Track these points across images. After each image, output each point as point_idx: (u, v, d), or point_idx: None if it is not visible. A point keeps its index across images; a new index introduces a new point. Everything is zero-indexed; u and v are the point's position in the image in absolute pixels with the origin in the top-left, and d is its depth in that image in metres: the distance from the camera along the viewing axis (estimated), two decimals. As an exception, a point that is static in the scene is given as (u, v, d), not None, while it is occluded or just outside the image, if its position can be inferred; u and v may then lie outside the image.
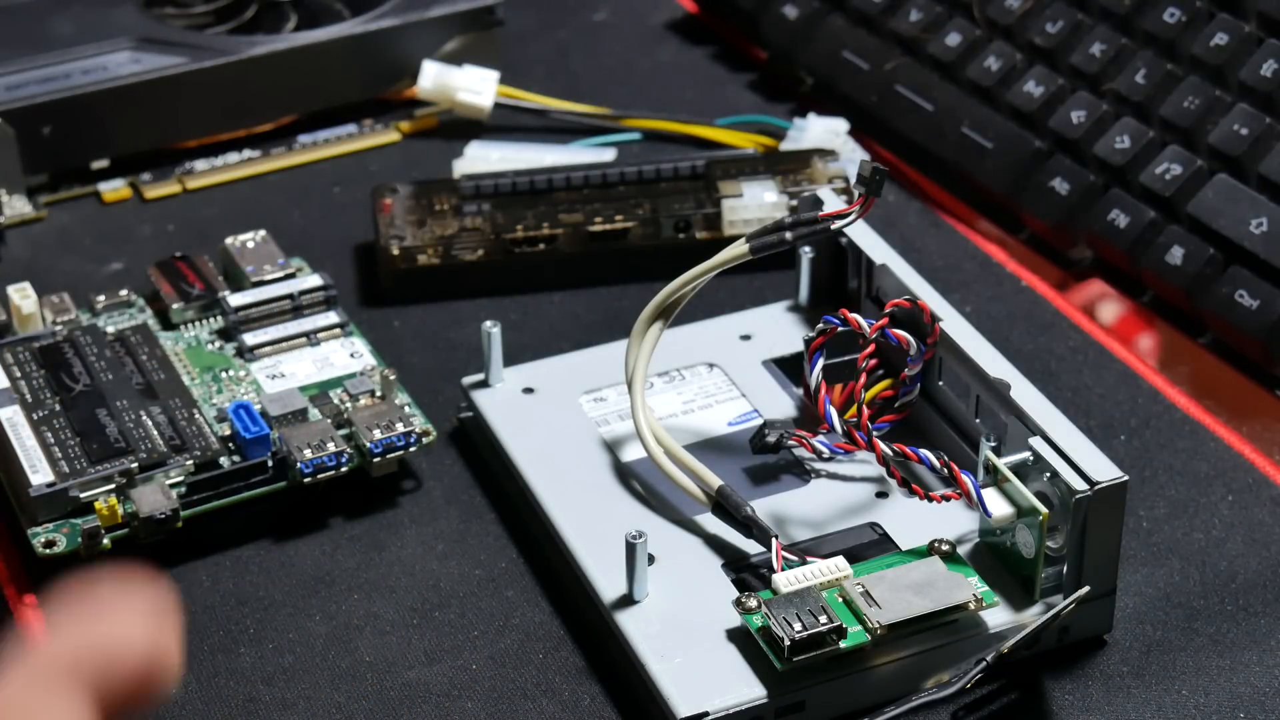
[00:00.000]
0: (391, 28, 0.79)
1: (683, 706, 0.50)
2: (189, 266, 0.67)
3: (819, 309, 0.64)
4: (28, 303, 0.64)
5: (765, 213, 0.70)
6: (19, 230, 0.74)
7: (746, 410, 0.62)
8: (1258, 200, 0.65)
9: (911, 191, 0.76)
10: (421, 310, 0.70)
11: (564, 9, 0.90)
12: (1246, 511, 0.59)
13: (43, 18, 0.79)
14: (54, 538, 0.56)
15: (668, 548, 0.56)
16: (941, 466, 0.54)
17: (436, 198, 0.71)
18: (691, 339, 0.64)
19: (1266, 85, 0.66)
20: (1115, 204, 0.68)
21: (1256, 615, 0.56)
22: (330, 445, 0.59)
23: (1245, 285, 0.64)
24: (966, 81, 0.75)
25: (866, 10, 0.80)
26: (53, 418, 0.60)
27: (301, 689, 0.54)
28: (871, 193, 0.55)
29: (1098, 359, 0.66)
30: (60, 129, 0.75)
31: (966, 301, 0.69)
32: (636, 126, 0.79)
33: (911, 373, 0.59)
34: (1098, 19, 0.72)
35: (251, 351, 0.63)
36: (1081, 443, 0.53)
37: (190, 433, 0.59)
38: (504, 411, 0.61)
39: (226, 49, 0.77)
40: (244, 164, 0.78)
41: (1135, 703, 0.53)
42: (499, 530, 0.60)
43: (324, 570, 0.58)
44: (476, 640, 0.56)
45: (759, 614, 0.51)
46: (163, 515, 0.56)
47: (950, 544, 0.54)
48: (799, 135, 0.77)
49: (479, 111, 0.79)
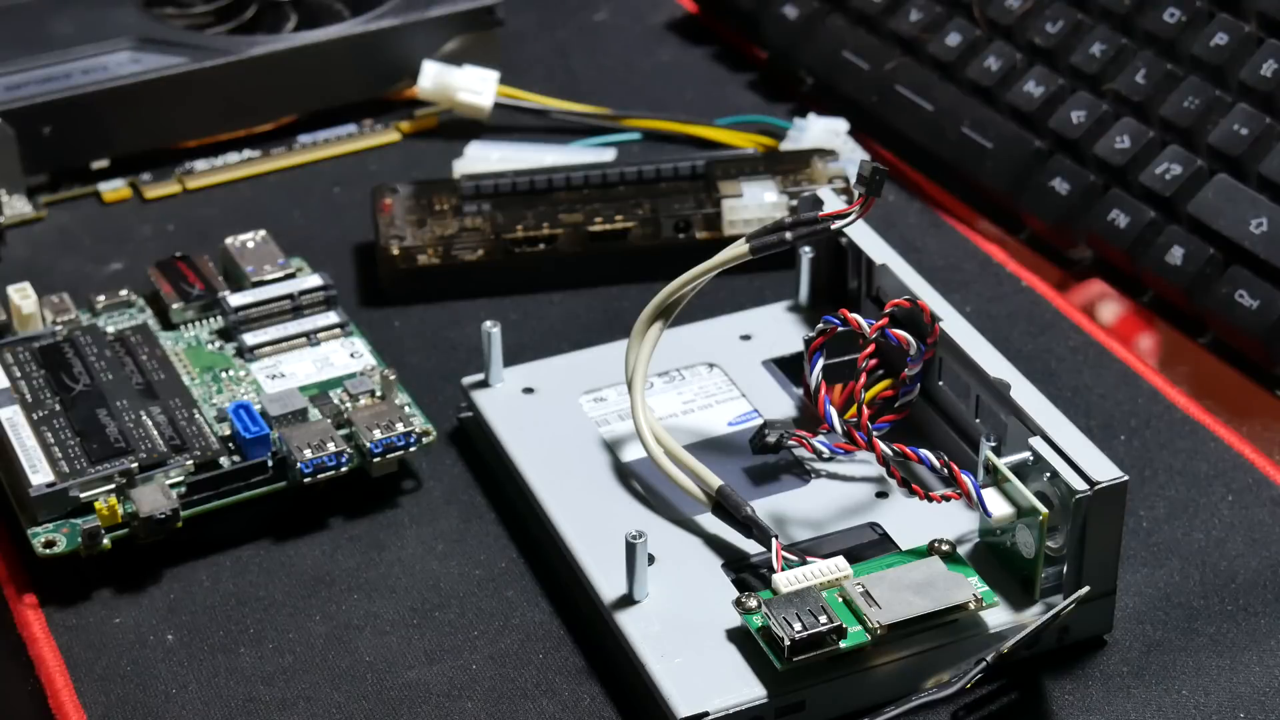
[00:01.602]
0: (391, 28, 0.79)
1: (683, 706, 0.50)
2: (189, 266, 0.67)
3: (819, 309, 0.64)
4: (28, 303, 0.64)
5: (765, 213, 0.70)
6: (19, 230, 0.74)
7: (746, 410, 0.62)
8: (1258, 200, 0.65)
9: (911, 191, 0.76)
10: (421, 310, 0.70)
11: (564, 9, 0.90)
12: (1246, 511, 0.59)
13: (43, 18, 0.79)
14: (54, 538, 0.56)
15: (668, 548, 0.56)
16: (941, 466, 0.54)
17: (436, 198, 0.71)
18: (691, 339, 0.64)
19: (1266, 85, 0.66)
20: (1115, 204, 0.68)
21: (1256, 615, 0.56)
22: (330, 445, 0.59)
23: (1245, 285, 0.64)
24: (966, 81, 0.75)
25: (866, 10, 0.80)
26: (53, 418, 0.60)
27: (301, 689, 0.54)
28: (871, 193, 0.55)
29: (1098, 359, 0.66)
30: (60, 129, 0.75)
31: (966, 301, 0.69)
32: (636, 126, 0.79)
33: (911, 373, 0.59)
34: (1098, 19, 0.72)
35: (251, 351, 0.63)
36: (1081, 443, 0.53)
37: (190, 433, 0.59)
38: (504, 411, 0.61)
39: (226, 49, 0.77)
40: (244, 164, 0.78)
41: (1135, 703, 0.53)
42: (499, 530, 0.60)
43: (324, 570, 0.58)
44: (476, 640, 0.56)
45: (759, 614, 0.51)
46: (163, 515, 0.56)
47: (950, 544, 0.54)
48: (799, 135, 0.77)
49: (479, 111, 0.79)
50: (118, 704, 0.54)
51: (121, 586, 0.57)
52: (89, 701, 0.54)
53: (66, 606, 0.57)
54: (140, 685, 0.54)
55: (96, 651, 0.55)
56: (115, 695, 0.54)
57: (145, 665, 0.55)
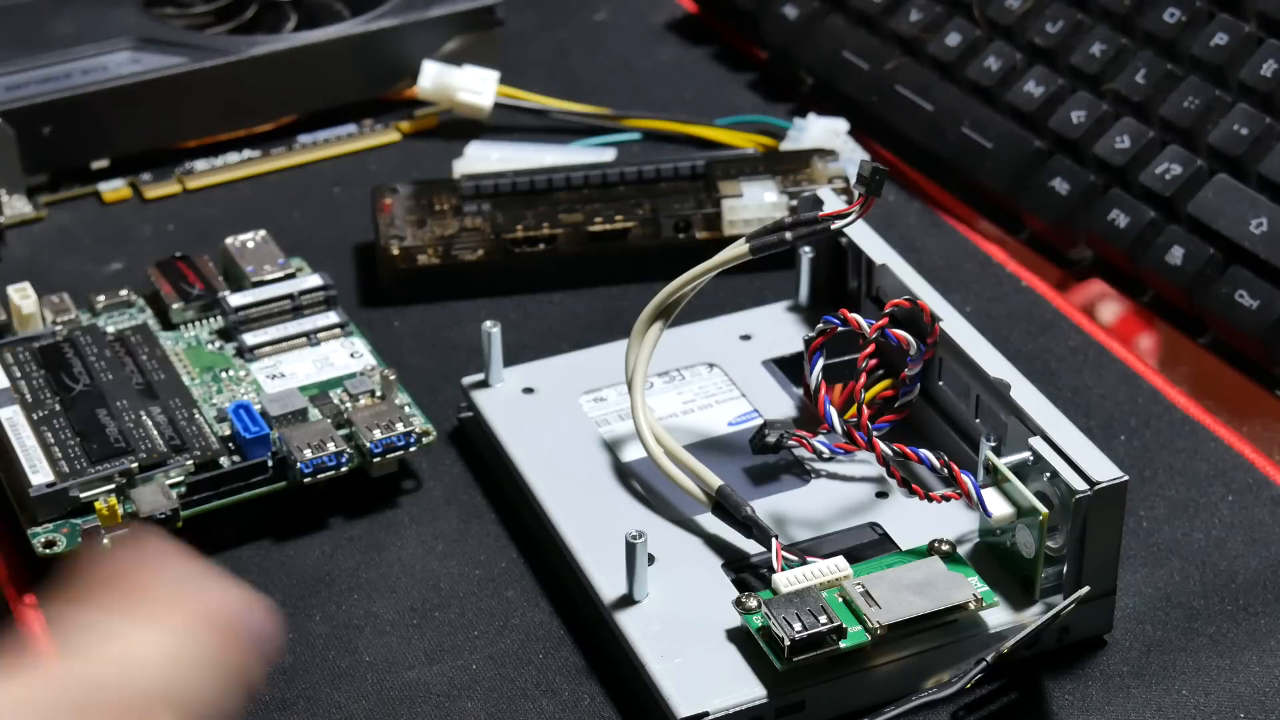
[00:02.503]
0: (391, 28, 0.79)
1: (683, 706, 0.50)
2: (189, 266, 0.67)
3: (819, 309, 0.64)
4: (28, 303, 0.64)
5: (765, 213, 0.70)
6: (19, 230, 0.74)
7: (746, 410, 0.62)
8: (1258, 200, 0.65)
9: (911, 191, 0.76)
10: (421, 310, 0.70)
11: (564, 9, 0.90)
12: (1246, 511, 0.59)
13: (43, 18, 0.79)
14: (54, 538, 0.56)
15: (668, 548, 0.56)
16: (941, 466, 0.54)
17: (436, 198, 0.71)
18: (691, 339, 0.64)
19: (1266, 85, 0.66)
20: (1115, 204, 0.68)
21: (1256, 615, 0.56)
22: (330, 445, 0.59)
23: (1245, 285, 0.64)
24: (966, 81, 0.75)
25: (866, 10, 0.80)
26: (53, 418, 0.60)
27: (301, 689, 0.54)
28: (871, 193, 0.55)
29: (1098, 359, 0.66)
30: (60, 129, 0.75)
31: (966, 301, 0.69)
32: (636, 126, 0.79)
33: (911, 373, 0.59)
34: (1098, 19, 0.72)
35: (251, 351, 0.63)
36: (1081, 443, 0.53)
37: (190, 433, 0.59)
38: (504, 411, 0.61)
39: (226, 49, 0.77)
40: (244, 164, 0.78)
41: (1135, 703, 0.53)
42: (499, 530, 0.60)
43: (324, 570, 0.58)
44: (476, 640, 0.56)
45: (759, 614, 0.51)
46: (163, 515, 0.56)
47: (950, 544, 0.54)
48: (799, 135, 0.77)
49: (479, 111, 0.79)
50: (118, 704, 0.54)
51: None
52: (89, 701, 0.54)
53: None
54: (140, 685, 0.54)
55: (96, 651, 0.55)
56: (115, 695, 0.54)
57: (145, 665, 0.55)
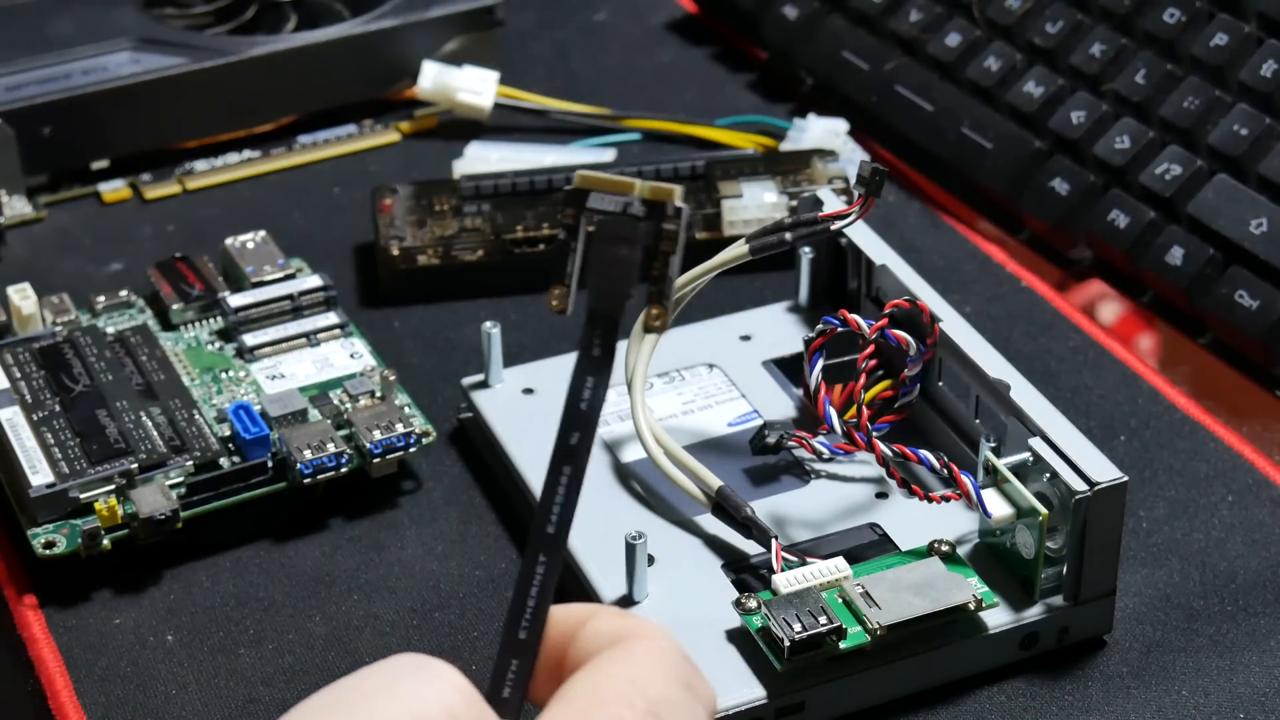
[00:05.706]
0: (391, 28, 0.79)
1: (683, 707, 0.50)
2: (189, 267, 0.67)
3: (819, 309, 0.64)
4: (28, 303, 0.64)
5: (765, 213, 0.70)
6: (19, 230, 0.74)
7: (746, 411, 0.62)
8: (1258, 200, 0.65)
9: (911, 191, 0.76)
10: (421, 310, 0.70)
11: (564, 9, 0.90)
12: (1246, 512, 0.59)
13: (43, 18, 0.79)
14: (54, 538, 0.56)
15: (668, 548, 0.56)
16: (941, 467, 0.54)
17: (436, 198, 0.71)
18: (691, 339, 0.64)
19: (1266, 85, 0.66)
20: (1115, 204, 0.68)
21: (1256, 615, 0.56)
22: (330, 446, 0.59)
23: (1245, 285, 0.64)
24: (966, 81, 0.75)
25: (866, 10, 0.80)
26: (53, 418, 0.60)
27: (301, 689, 0.54)
28: (871, 193, 0.55)
29: (1098, 359, 0.66)
30: (60, 129, 0.75)
31: (966, 301, 0.69)
32: (636, 127, 0.79)
33: (911, 373, 0.59)
34: (1098, 19, 0.72)
35: (251, 352, 0.63)
36: (1081, 443, 0.53)
37: (190, 433, 0.59)
38: (504, 412, 0.61)
39: (226, 49, 0.77)
40: (244, 164, 0.78)
41: (1135, 703, 0.53)
42: (499, 530, 0.60)
43: (324, 571, 0.58)
44: (476, 641, 0.55)
45: (759, 615, 0.51)
46: (163, 516, 0.56)
47: (950, 544, 0.54)
48: (799, 135, 0.77)
49: (479, 112, 0.79)
50: (118, 704, 0.54)
51: (121, 587, 0.57)
52: (89, 702, 0.54)
53: (66, 607, 0.57)
54: (140, 686, 0.54)
55: (96, 652, 0.55)
56: (115, 696, 0.54)
57: (145, 666, 0.55)
